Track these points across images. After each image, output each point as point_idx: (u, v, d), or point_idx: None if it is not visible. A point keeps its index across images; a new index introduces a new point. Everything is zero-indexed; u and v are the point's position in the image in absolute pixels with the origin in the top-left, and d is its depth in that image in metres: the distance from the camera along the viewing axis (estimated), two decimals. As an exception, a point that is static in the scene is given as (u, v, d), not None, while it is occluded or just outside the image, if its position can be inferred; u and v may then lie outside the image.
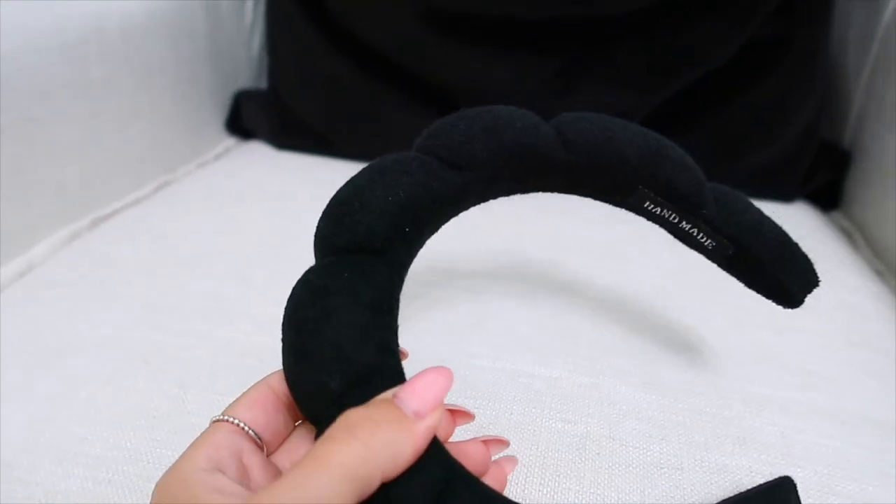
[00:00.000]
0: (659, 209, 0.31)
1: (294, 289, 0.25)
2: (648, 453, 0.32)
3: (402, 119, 0.65)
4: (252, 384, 0.25)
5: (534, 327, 0.41)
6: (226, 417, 0.24)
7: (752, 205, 0.32)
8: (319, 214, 0.27)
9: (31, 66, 0.48)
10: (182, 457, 0.22)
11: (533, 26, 0.60)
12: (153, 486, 0.30)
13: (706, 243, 0.32)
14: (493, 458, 0.27)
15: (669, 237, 0.53)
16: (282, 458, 0.25)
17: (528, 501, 0.30)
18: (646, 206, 0.31)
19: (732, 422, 0.34)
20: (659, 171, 0.30)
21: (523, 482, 0.30)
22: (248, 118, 0.73)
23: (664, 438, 0.33)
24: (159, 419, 0.34)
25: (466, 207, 0.29)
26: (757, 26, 0.59)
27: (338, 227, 0.25)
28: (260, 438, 0.24)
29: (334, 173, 0.63)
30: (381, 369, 0.22)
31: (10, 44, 0.46)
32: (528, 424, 0.33)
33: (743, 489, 0.30)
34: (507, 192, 0.30)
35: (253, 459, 0.23)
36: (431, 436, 0.21)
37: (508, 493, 0.30)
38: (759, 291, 0.33)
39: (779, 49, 0.61)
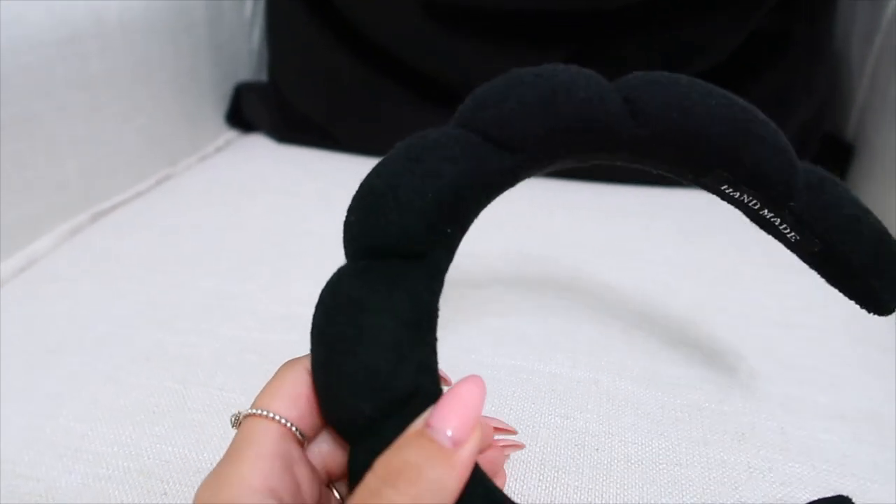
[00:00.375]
0: (738, 194, 0.27)
1: (325, 297, 0.22)
2: (647, 449, 0.32)
3: (403, 113, 0.65)
4: (285, 364, 0.23)
5: (533, 323, 0.41)
6: (275, 416, 0.21)
7: (850, 196, 0.28)
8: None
9: (31, 62, 0.48)
10: (232, 471, 0.20)
11: (535, 20, 0.60)
12: (154, 481, 0.31)
13: (789, 235, 0.28)
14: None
15: (672, 233, 0.53)
16: (313, 454, 0.23)
17: (527, 497, 0.30)
18: (723, 188, 0.27)
19: (731, 417, 0.34)
20: (744, 153, 0.26)
21: (522, 478, 0.30)
22: (249, 111, 0.73)
23: (663, 434, 0.33)
24: (159, 415, 0.34)
25: (513, 186, 0.26)
26: (759, 20, 0.58)
27: (371, 227, 0.23)
28: (304, 438, 0.22)
29: (336, 167, 0.64)
30: (418, 392, 0.21)
31: (9, 40, 0.46)
32: (527, 420, 0.33)
33: (741, 484, 0.30)
34: (561, 167, 0.27)
35: (303, 472, 0.21)
36: (473, 462, 0.19)
37: (507, 489, 0.30)
38: (843, 292, 0.30)
39: (780, 44, 0.60)
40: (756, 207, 0.28)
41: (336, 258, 0.24)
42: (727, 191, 0.27)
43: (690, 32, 0.59)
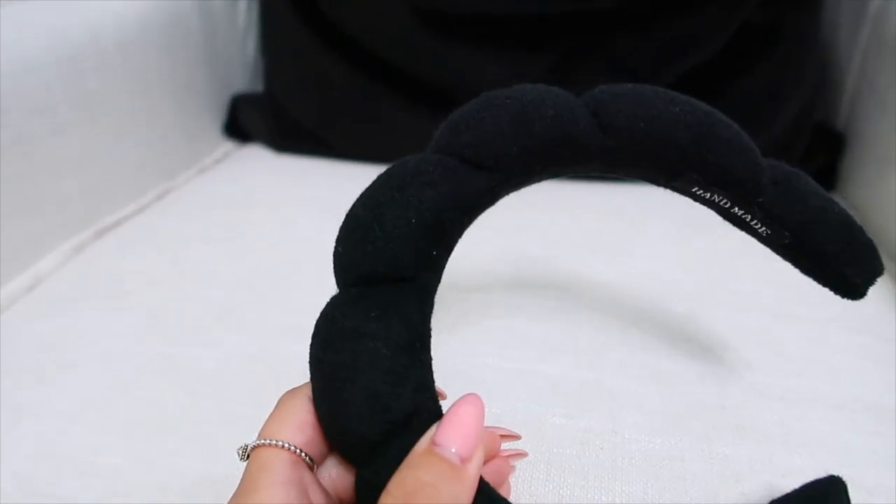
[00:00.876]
0: (708, 194, 0.29)
1: (318, 328, 0.23)
2: (650, 446, 0.33)
3: (399, 118, 0.66)
4: (287, 394, 0.23)
5: (533, 324, 0.41)
6: (285, 445, 0.22)
7: (815, 188, 0.29)
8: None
9: (30, 83, 0.49)
10: (249, 499, 0.20)
11: (525, 22, 0.61)
12: (171, 495, 0.31)
13: (760, 230, 0.30)
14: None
15: (667, 230, 0.53)
16: (323, 479, 0.23)
17: (534, 497, 0.30)
18: (693, 190, 0.29)
19: (732, 411, 0.35)
20: (710, 156, 0.27)
21: (529, 478, 0.31)
22: (246, 122, 0.73)
23: (665, 430, 0.34)
24: (172, 428, 0.35)
25: (492, 205, 0.27)
26: (748, 14, 0.59)
27: (359, 256, 0.24)
28: (313, 463, 0.22)
29: (334, 176, 0.64)
30: (418, 411, 0.22)
31: (8, 63, 0.47)
32: (532, 421, 0.34)
33: (743, 477, 0.31)
34: (538, 182, 0.28)
35: (317, 496, 0.22)
36: (479, 476, 0.20)
37: (514, 490, 0.30)
38: (816, 280, 0.31)
39: (769, 36, 0.61)
40: (727, 206, 0.29)
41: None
42: (698, 192, 0.28)
43: (681, 28, 0.60)
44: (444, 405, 0.23)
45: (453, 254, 0.26)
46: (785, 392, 0.37)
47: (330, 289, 0.25)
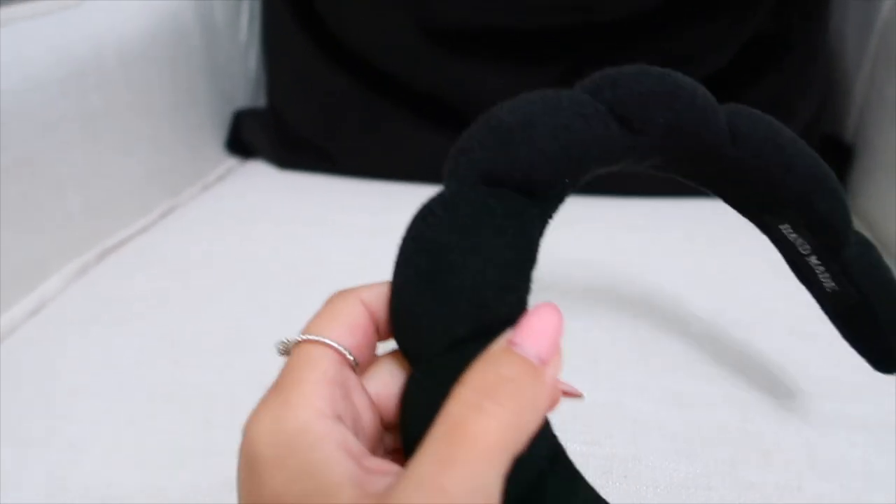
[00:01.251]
0: (795, 236, 0.29)
1: (433, 209, 0.21)
2: (675, 473, 0.32)
3: (401, 130, 0.65)
4: (336, 294, 0.21)
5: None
6: (331, 343, 0.19)
7: (885, 262, 0.31)
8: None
9: (33, 101, 0.48)
10: (293, 395, 0.18)
11: (531, 37, 0.60)
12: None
13: (826, 285, 0.30)
14: None
15: (680, 245, 0.53)
16: (368, 385, 0.21)
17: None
18: (781, 226, 0.29)
19: (756, 436, 0.34)
20: (818, 200, 0.28)
21: (553, 509, 0.30)
22: (249, 137, 0.73)
23: (689, 456, 0.33)
24: (184, 458, 0.34)
25: (614, 169, 0.26)
26: (756, 26, 0.59)
27: (497, 155, 0.22)
28: (358, 367, 0.20)
29: (337, 192, 0.64)
30: (512, 324, 0.20)
31: (9, 81, 0.46)
32: (553, 448, 0.33)
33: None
34: (657, 169, 0.28)
35: (361, 400, 0.20)
36: (557, 386, 0.19)
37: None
38: (858, 348, 0.32)
39: (777, 47, 0.61)
40: (805, 253, 0.29)
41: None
42: (784, 229, 0.29)
43: (687, 40, 0.59)
44: None
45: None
46: (808, 413, 0.36)
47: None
